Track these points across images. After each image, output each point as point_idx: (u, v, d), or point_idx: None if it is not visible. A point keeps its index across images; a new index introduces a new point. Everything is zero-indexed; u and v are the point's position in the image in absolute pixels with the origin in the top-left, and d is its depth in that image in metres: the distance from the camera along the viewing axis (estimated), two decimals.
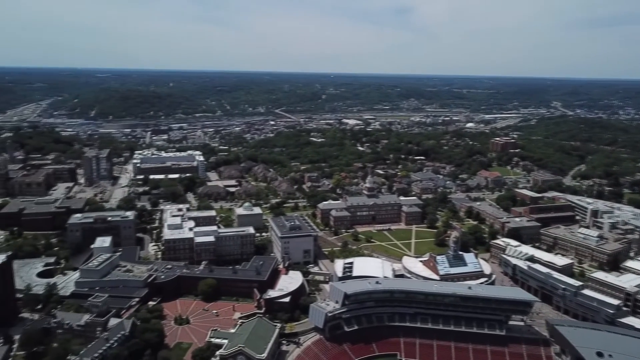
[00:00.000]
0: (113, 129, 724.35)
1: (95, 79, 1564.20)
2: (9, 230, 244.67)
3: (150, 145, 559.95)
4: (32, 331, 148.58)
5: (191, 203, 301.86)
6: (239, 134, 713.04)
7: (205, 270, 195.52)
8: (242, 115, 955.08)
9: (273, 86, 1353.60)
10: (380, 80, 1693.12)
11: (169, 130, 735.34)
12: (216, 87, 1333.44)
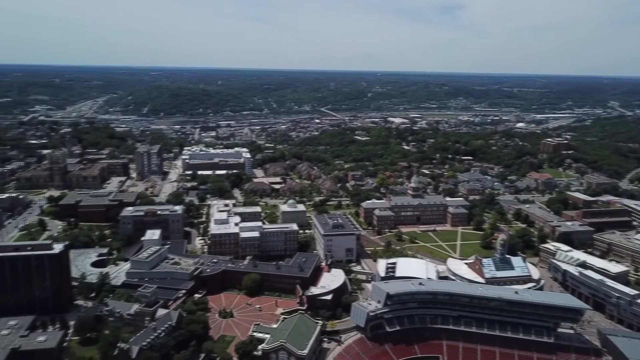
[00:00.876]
0: (164, 125, 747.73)
1: (148, 77, 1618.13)
2: (66, 221, 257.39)
3: (199, 142, 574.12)
4: (86, 318, 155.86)
5: (237, 199, 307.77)
6: (284, 132, 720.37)
7: (250, 265, 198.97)
8: (288, 113, 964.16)
9: (319, 84, 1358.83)
10: (428, 78, 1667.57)
11: (217, 127, 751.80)
12: (263, 85, 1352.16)
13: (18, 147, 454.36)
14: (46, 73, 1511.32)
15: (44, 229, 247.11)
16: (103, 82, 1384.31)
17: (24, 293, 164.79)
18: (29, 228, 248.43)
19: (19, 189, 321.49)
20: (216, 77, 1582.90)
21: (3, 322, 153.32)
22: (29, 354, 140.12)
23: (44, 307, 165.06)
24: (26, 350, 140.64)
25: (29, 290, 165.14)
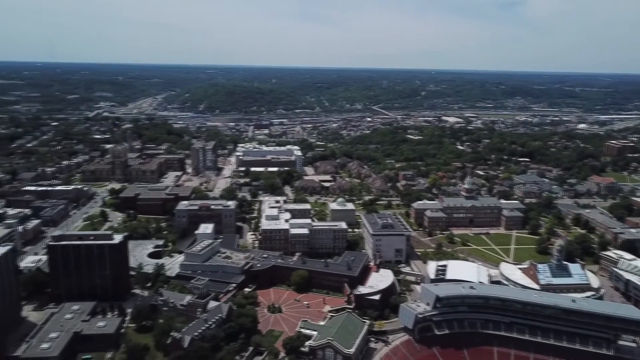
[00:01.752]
0: (219, 122, 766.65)
1: (204, 75, 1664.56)
2: (126, 212, 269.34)
3: (252, 139, 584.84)
4: (142, 306, 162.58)
5: (288, 196, 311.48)
6: (335, 130, 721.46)
7: (299, 261, 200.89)
8: (340, 111, 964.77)
9: (371, 83, 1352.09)
10: (484, 77, 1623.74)
11: (270, 124, 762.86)
12: (316, 83, 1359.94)
13: (84, 141, 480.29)
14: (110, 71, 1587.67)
15: (106, 219, 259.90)
16: (162, 80, 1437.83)
17: (86, 280, 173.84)
18: (92, 218, 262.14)
19: (84, 181, 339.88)
20: (270, 76, 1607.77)
21: (67, 306, 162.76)
22: (89, 337, 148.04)
23: (104, 294, 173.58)
24: (87, 334, 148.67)
25: (91, 277, 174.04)
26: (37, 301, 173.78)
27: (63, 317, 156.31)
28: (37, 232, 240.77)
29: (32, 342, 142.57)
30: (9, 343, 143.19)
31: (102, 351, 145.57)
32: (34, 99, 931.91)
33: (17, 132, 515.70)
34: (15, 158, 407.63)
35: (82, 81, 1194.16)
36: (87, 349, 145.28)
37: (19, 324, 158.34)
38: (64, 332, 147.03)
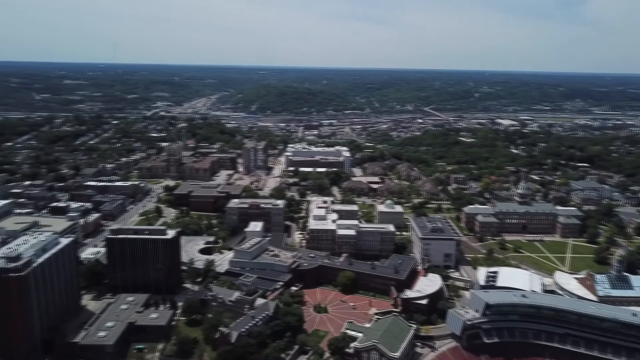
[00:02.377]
0: (270, 122, 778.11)
1: (257, 76, 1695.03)
2: (179, 209, 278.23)
3: (302, 140, 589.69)
4: (193, 301, 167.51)
5: (336, 196, 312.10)
6: (385, 132, 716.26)
7: (345, 262, 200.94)
8: (390, 112, 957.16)
9: (423, 84, 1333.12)
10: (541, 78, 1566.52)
11: (320, 125, 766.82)
12: (366, 84, 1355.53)
13: (141, 139, 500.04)
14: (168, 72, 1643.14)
15: (160, 215, 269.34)
16: (216, 81, 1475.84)
17: (141, 273, 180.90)
18: (147, 214, 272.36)
19: (141, 178, 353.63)
20: (321, 77, 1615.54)
21: (123, 297, 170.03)
22: (142, 328, 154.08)
23: (157, 287, 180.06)
24: (140, 325, 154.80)
25: (145, 270, 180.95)
26: (96, 291, 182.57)
27: (119, 307, 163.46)
28: (97, 225, 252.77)
29: (90, 330, 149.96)
30: (69, 330, 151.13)
31: (154, 342, 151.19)
32: (97, 98, 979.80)
33: (81, 130, 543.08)
34: (78, 154, 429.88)
35: (141, 81, 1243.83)
36: (140, 339, 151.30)
37: (79, 312, 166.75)
38: (120, 322, 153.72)
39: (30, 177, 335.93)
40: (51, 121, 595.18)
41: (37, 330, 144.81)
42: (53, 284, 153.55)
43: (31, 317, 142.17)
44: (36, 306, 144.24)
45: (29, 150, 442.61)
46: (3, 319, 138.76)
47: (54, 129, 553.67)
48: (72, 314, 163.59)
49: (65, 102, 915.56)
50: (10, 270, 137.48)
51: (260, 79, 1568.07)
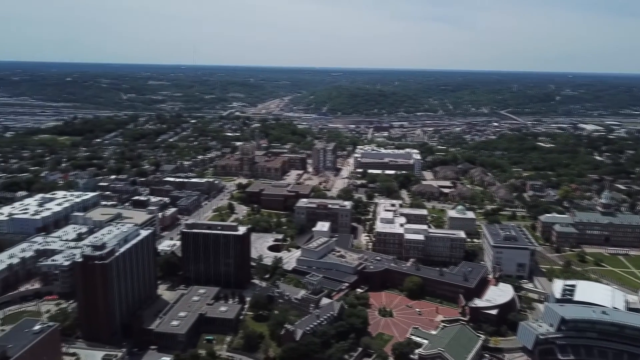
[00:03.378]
0: (340, 124, 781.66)
1: (329, 78, 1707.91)
2: (250, 206, 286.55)
3: (371, 141, 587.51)
4: (260, 296, 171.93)
5: (404, 200, 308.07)
6: (458, 135, 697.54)
7: (412, 267, 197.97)
8: (464, 115, 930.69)
9: (500, 86, 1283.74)
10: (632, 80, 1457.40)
11: (390, 127, 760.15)
12: (440, 86, 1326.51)
13: (217, 138, 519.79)
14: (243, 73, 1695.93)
15: (232, 212, 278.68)
16: (289, 82, 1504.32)
17: (212, 267, 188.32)
18: (220, 210, 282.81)
19: (215, 175, 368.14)
20: (393, 78, 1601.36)
21: (195, 289, 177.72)
22: (212, 320, 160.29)
23: (227, 281, 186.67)
24: (210, 317, 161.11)
25: (216, 264, 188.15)
26: (170, 282, 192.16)
27: (191, 298, 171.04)
28: (174, 219, 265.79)
29: (165, 318, 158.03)
30: (145, 316, 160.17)
31: (222, 334, 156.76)
32: (177, 98, 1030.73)
33: (162, 128, 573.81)
34: (159, 151, 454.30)
35: (218, 82, 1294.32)
36: (210, 331, 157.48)
37: (155, 301, 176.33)
38: (191, 313, 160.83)
39: (115, 172, 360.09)
40: (136, 119, 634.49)
41: (117, 315, 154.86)
42: (133, 273, 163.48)
43: (113, 302, 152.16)
44: (117, 292, 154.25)
45: (115, 147, 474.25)
46: (89, 303, 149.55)
47: (138, 127, 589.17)
48: (149, 302, 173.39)
49: (148, 102, 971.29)
50: (95, 257, 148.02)
51: (332, 80, 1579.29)
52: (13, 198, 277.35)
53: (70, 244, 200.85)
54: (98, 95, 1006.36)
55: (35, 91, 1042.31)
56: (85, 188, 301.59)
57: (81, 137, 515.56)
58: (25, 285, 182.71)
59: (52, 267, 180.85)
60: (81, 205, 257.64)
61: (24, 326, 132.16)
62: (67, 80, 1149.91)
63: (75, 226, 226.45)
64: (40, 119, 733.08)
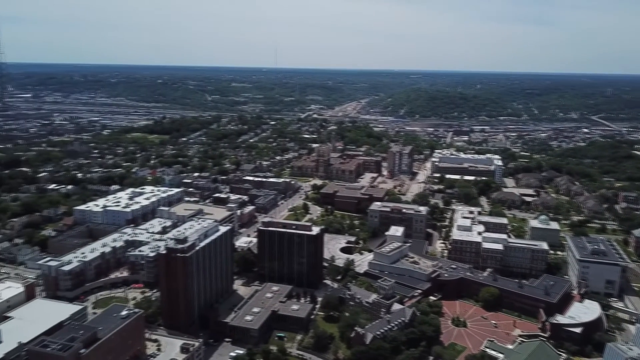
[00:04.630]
0: (418, 127, 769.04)
1: (408, 80, 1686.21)
2: (324, 207, 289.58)
3: (450, 146, 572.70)
4: (331, 297, 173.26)
5: (483, 207, 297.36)
6: (544, 141, 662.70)
7: (489, 277, 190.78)
8: (551, 120, 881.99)
9: (592, 90, 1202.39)
10: None
11: (470, 131, 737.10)
12: (525, 89, 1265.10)
13: (294, 139, 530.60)
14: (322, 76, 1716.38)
15: (307, 212, 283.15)
16: (367, 85, 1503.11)
17: (286, 265, 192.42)
18: (295, 209, 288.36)
19: (292, 176, 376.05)
20: (475, 81, 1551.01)
21: (268, 286, 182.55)
22: (284, 317, 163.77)
23: (300, 280, 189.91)
24: (282, 314, 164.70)
25: (290, 263, 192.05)
26: (246, 277, 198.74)
27: (264, 295, 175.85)
28: (251, 217, 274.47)
29: (239, 312, 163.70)
30: (221, 310, 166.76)
31: (293, 332, 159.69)
32: (258, 100, 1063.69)
33: (243, 129, 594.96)
34: (239, 151, 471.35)
35: (297, 85, 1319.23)
36: (281, 328, 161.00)
37: (230, 295, 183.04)
38: (264, 309, 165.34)
39: (199, 170, 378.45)
40: (219, 120, 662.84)
41: (196, 306, 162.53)
42: (211, 267, 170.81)
43: (192, 294, 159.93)
44: (196, 285, 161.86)
45: (199, 146, 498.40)
46: (170, 293, 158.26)
47: (221, 127, 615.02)
48: (225, 295, 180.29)
49: (231, 103, 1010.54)
50: (177, 250, 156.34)
51: (411, 83, 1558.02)
52: (107, 191, 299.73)
53: (156, 236, 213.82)
54: (185, 96, 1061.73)
55: (129, 92, 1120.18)
56: (170, 184, 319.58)
57: (169, 135, 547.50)
58: (115, 273, 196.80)
59: (139, 257, 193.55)
60: (166, 200, 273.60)
61: (113, 311, 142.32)
62: (158, 82, 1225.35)
63: (161, 220, 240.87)
64: (133, 118, 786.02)
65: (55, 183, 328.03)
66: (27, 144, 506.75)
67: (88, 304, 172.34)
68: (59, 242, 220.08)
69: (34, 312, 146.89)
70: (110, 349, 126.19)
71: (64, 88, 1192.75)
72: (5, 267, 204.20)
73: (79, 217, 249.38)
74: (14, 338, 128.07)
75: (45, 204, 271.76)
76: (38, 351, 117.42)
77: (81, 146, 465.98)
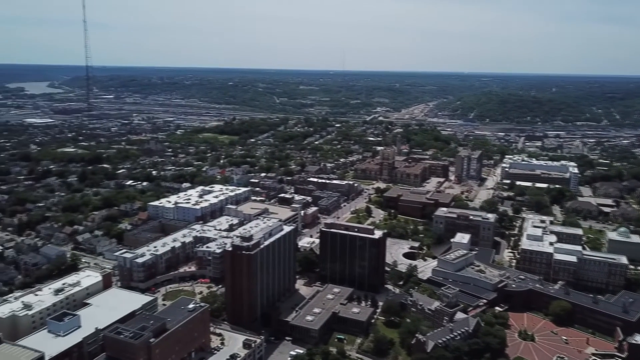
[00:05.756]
0: (488, 131, 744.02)
1: (479, 83, 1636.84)
2: (387, 211, 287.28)
3: (522, 151, 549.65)
4: (393, 302, 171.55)
5: (556, 216, 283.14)
6: (625, 148, 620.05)
7: (561, 291, 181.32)
8: (634, 126, 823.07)
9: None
10: None
11: (544, 137, 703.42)
12: (606, 93, 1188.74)
13: (359, 142, 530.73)
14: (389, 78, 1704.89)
15: (369, 215, 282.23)
16: (436, 87, 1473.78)
17: (347, 267, 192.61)
18: (358, 212, 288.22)
19: (355, 178, 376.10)
20: (550, 84, 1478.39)
21: (330, 288, 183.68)
22: (344, 320, 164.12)
23: (361, 283, 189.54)
24: (343, 316, 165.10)
25: (351, 266, 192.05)
26: (307, 277, 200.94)
27: (326, 296, 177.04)
28: (314, 218, 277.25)
29: (300, 312, 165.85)
30: (283, 308, 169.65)
31: (353, 335, 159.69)
32: (325, 102, 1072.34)
33: (309, 131, 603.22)
34: (305, 153, 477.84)
35: (364, 88, 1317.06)
36: (341, 330, 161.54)
37: (292, 294, 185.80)
38: (325, 310, 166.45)
39: (265, 170, 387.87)
40: (286, 122, 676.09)
41: (258, 303, 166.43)
42: (274, 266, 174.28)
43: (255, 291, 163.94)
44: (260, 282, 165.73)
45: (266, 147, 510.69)
46: (235, 289, 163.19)
47: (287, 129, 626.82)
48: (287, 294, 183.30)
49: (298, 106, 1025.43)
50: (243, 248, 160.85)
51: (482, 85, 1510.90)
52: (179, 189, 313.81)
53: (223, 233, 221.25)
54: (255, 98, 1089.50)
55: (202, 94, 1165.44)
56: (238, 183, 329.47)
57: (238, 136, 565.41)
58: (184, 267, 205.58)
59: (206, 253, 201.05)
60: (234, 198, 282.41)
61: (181, 304, 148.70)
62: (229, 85, 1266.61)
63: (228, 217, 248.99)
64: (205, 119, 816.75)
65: (132, 179, 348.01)
66: (109, 142, 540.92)
67: (158, 295, 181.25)
68: (133, 235, 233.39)
69: (110, 301, 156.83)
70: (177, 340, 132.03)
71: (142, 90, 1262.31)
72: (86, 257, 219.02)
73: (152, 213, 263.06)
74: (92, 324, 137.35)
75: (122, 199, 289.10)
76: (112, 337, 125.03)
77: (156, 145, 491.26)
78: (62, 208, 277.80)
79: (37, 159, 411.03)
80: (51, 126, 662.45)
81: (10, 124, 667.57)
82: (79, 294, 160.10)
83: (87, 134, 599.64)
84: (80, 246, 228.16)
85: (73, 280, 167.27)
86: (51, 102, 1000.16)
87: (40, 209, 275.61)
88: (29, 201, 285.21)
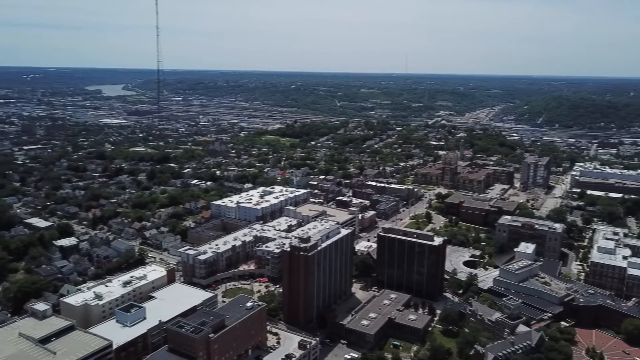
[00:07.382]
0: (557, 137, 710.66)
1: (548, 87, 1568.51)
2: (448, 217, 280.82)
3: (594, 159, 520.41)
4: (451, 311, 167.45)
5: (631, 228, 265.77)
6: None
7: (635, 308, 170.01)
8: None
9: None
10: None
11: (619, 144, 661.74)
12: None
13: (420, 146, 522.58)
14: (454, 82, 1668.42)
15: (429, 221, 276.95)
16: (502, 91, 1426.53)
17: (405, 273, 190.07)
18: (417, 218, 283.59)
19: (415, 183, 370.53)
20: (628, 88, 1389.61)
21: (386, 293, 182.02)
22: (400, 326, 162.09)
23: (418, 290, 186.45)
24: (399, 322, 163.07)
25: (409, 272, 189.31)
26: (364, 281, 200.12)
27: (382, 301, 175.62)
28: (372, 222, 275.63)
29: (356, 316, 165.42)
30: (338, 311, 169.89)
31: (409, 342, 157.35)
32: (386, 106, 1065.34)
33: (369, 135, 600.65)
34: (364, 156, 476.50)
35: (427, 91, 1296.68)
36: (397, 336, 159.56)
37: (348, 298, 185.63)
38: (381, 315, 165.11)
39: (324, 172, 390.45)
40: (346, 125, 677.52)
41: (315, 305, 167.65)
42: (331, 268, 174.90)
43: (312, 292, 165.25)
44: (316, 284, 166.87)
45: (326, 149, 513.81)
46: (292, 289, 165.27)
47: (347, 132, 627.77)
48: (343, 297, 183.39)
49: (359, 109, 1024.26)
50: (301, 249, 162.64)
51: (551, 89, 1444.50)
52: (241, 189, 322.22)
53: (282, 233, 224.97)
54: (316, 101, 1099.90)
55: (265, 97, 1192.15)
56: (298, 185, 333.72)
57: (299, 139, 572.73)
58: (243, 266, 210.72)
59: (265, 252, 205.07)
60: (293, 200, 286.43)
61: (239, 301, 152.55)
62: (292, 88, 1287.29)
63: (287, 218, 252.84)
64: (267, 121, 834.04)
65: (197, 179, 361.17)
66: (176, 142, 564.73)
67: (218, 292, 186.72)
68: (197, 233, 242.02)
69: (173, 295, 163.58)
70: (235, 337, 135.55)
71: (209, 92, 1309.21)
72: (152, 252, 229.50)
73: (215, 211, 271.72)
74: (156, 316, 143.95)
75: (187, 198, 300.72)
76: (174, 330, 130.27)
77: (221, 146, 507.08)
78: (132, 204, 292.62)
79: (111, 157, 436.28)
80: (124, 126, 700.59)
81: (88, 124, 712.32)
82: (145, 287, 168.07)
83: (156, 135, 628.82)
84: (147, 241, 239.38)
85: (140, 273, 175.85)
86: (125, 104, 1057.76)
87: (112, 204, 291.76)
88: (102, 197, 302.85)
